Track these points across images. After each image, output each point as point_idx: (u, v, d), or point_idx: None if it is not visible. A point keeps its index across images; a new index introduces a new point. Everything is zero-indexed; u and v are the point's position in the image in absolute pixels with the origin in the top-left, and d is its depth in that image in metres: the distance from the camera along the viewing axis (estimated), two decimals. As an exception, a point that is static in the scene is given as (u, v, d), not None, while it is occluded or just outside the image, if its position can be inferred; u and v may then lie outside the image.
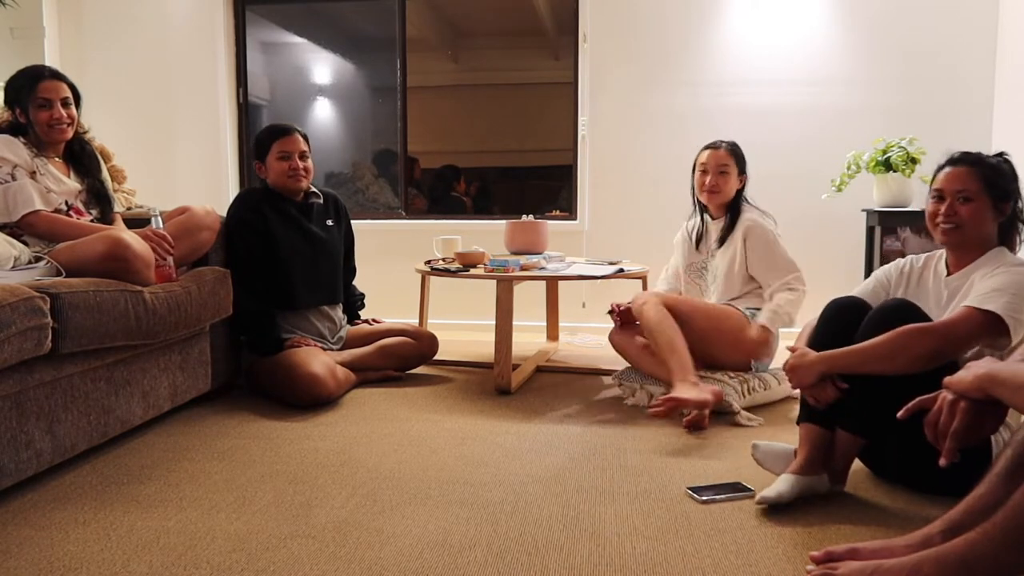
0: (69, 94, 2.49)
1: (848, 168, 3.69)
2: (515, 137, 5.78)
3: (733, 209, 2.96)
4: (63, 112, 2.45)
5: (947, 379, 1.38)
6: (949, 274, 1.96)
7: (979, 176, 1.87)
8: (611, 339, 3.01)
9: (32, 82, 2.43)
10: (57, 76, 2.48)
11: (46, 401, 1.95)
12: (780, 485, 1.82)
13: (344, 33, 5.31)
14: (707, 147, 2.97)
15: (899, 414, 1.44)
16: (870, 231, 3.80)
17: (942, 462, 1.32)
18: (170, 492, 1.92)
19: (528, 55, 5.59)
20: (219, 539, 1.65)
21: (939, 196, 1.92)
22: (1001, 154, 1.93)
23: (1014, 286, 1.76)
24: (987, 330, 1.73)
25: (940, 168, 1.95)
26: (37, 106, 2.43)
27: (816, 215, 4.03)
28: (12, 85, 2.47)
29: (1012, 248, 1.94)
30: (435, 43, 5.61)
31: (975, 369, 1.33)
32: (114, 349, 2.18)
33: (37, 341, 1.84)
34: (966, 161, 1.90)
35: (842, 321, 1.91)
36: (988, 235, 1.91)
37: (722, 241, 2.95)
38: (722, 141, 2.98)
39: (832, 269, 4.04)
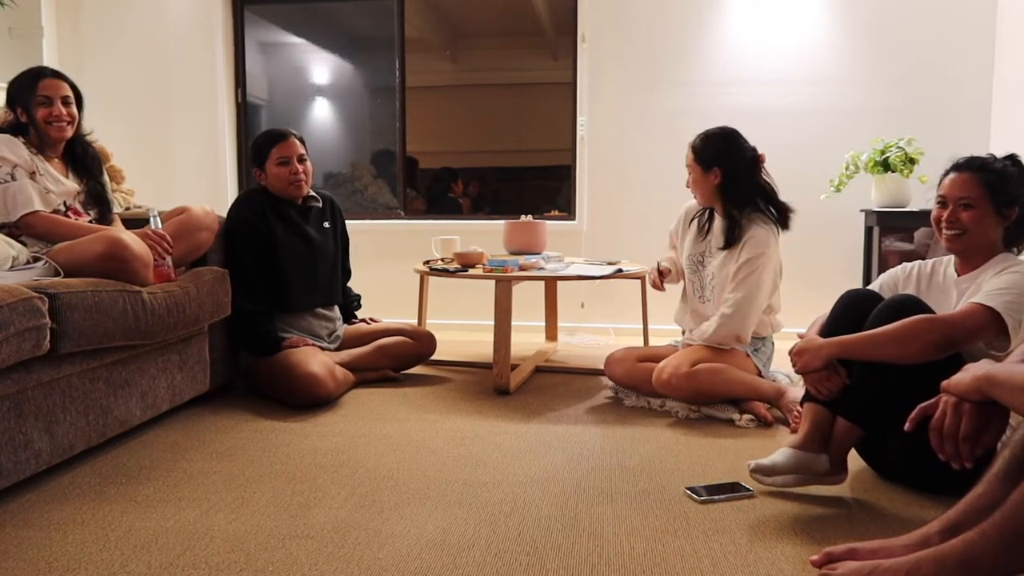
0: (70, 93, 2.51)
1: (846, 168, 3.69)
2: (514, 137, 5.78)
3: (734, 207, 2.72)
4: (63, 110, 2.46)
5: (945, 383, 1.38)
6: (959, 276, 1.98)
7: (981, 182, 1.88)
8: (612, 375, 2.86)
9: (34, 81, 2.46)
10: (59, 76, 2.51)
11: (44, 401, 1.95)
12: (776, 456, 1.83)
13: (343, 33, 5.31)
14: None
15: (905, 427, 1.43)
16: (868, 231, 3.81)
17: (966, 464, 1.32)
18: (168, 492, 1.92)
19: (527, 55, 5.59)
20: (217, 539, 1.65)
21: (942, 202, 1.94)
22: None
23: (1017, 287, 1.77)
24: (989, 326, 1.75)
25: (945, 173, 1.96)
26: (38, 103, 2.45)
27: (815, 215, 4.03)
28: (14, 85, 2.49)
29: (1021, 250, 1.95)
30: (434, 43, 5.60)
31: (973, 371, 1.33)
32: (113, 349, 2.18)
33: (35, 341, 1.84)
34: (970, 167, 1.91)
35: (856, 311, 1.92)
36: (993, 240, 1.92)
37: (727, 245, 2.72)
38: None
39: (831, 270, 4.05)
